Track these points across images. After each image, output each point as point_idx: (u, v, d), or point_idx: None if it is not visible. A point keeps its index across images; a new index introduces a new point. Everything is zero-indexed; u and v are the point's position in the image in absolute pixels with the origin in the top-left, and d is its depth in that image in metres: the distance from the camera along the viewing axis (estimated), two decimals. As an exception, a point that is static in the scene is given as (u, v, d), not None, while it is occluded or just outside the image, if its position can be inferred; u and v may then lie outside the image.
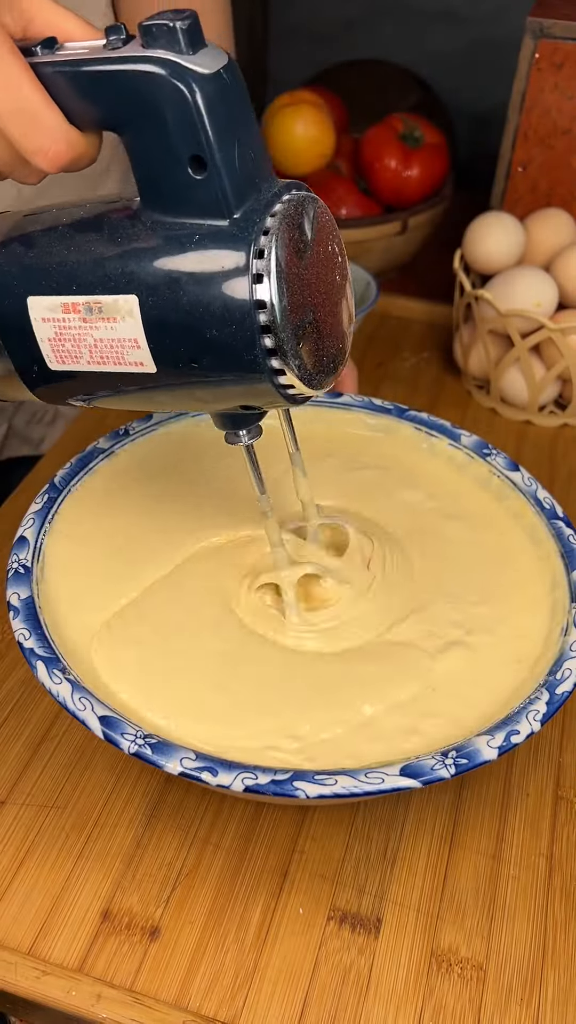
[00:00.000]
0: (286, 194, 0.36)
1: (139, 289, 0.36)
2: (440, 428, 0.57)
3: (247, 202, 0.35)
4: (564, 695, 0.41)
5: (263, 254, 0.34)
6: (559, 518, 0.51)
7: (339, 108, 1.01)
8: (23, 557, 0.46)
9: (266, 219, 0.35)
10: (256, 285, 0.34)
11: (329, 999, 0.40)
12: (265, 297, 0.34)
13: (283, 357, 0.35)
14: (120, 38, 0.34)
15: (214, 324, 0.35)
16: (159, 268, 0.35)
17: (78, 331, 0.37)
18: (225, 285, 0.34)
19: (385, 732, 0.41)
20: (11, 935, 0.42)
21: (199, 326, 0.35)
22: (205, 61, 0.33)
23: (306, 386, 0.37)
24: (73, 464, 0.53)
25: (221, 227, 0.35)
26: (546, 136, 0.78)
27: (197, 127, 0.33)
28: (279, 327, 0.34)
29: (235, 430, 0.42)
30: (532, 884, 0.44)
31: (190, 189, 0.34)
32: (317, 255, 0.37)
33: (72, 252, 0.37)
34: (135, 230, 0.36)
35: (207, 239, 0.35)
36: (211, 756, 0.38)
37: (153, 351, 0.36)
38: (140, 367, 0.37)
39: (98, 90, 0.35)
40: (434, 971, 0.41)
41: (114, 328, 0.37)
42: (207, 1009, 0.40)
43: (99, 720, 0.39)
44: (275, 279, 0.34)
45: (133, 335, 0.36)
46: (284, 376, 0.36)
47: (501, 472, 0.54)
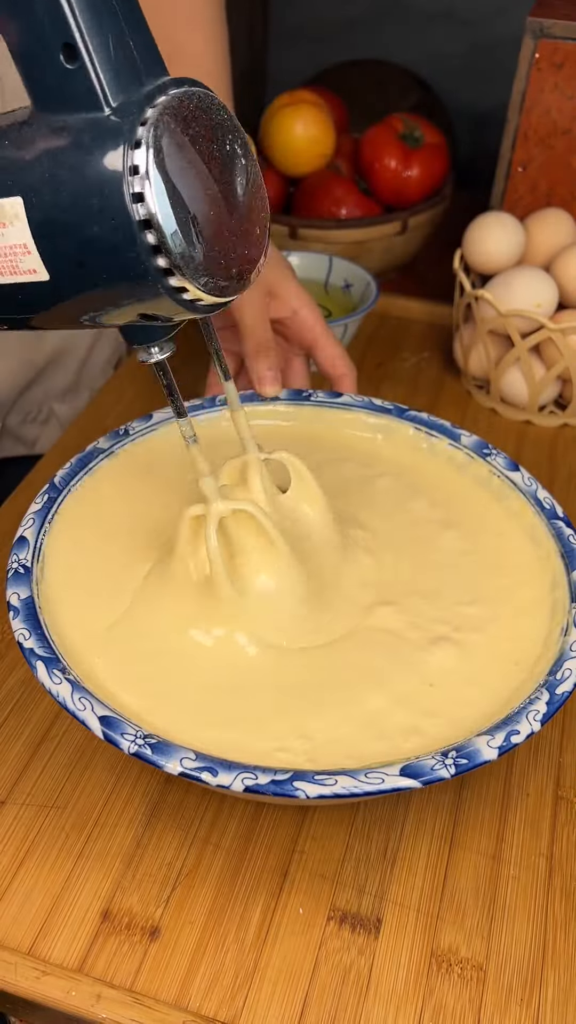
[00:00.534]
0: (173, 88, 0.34)
1: (23, 190, 0.34)
2: (440, 428, 0.57)
3: (127, 94, 0.33)
4: (564, 695, 0.41)
5: (139, 144, 0.32)
6: (559, 518, 0.51)
7: (339, 108, 1.01)
8: (23, 557, 0.46)
9: (146, 110, 0.33)
10: (133, 177, 0.32)
11: (329, 999, 0.40)
12: (143, 190, 0.32)
13: (168, 255, 0.33)
14: None
15: (95, 220, 0.33)
16: (39, 165, 0.34)
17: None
18: (101, 177, 0.33)
19: (387, 731, 0.41)
20: (11, 935, 0.42)
21: (81, 223, 0.34)
22: None
23: (201, 289, 0.35)
24: (73, 464, 0.53)
25: (97, 118, 0.33)
26: (546, 136, 0.78)
27: (65, 12, 0.32)
28: (160, 222, 0.33)
29: (145, 344, 0.40)
30: (532, 884, 0.44)
31: (65, 80, 0.33)
32: (210, 152, 0.35)
33: None
34: (20, 132, 0.35)
35: (83, 131, 0.33)
36: (211, 756, 0.38)
37: (43, 255, 0.35)
38: (34, 275, 0.36)
39: None
40: (434, 971, 0.41)
41: (4, 235, 0.35)
42: (207, 1009, 0.40)
43: (99, 720, 0.39)
44: (153, 170, 0.32)
45: (22, 240, 0.35)
46: (172, 277, 0.34)
47: (501, 472, 0.54)
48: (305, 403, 0.59)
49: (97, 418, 0.72)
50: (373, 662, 0.44)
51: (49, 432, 0.80)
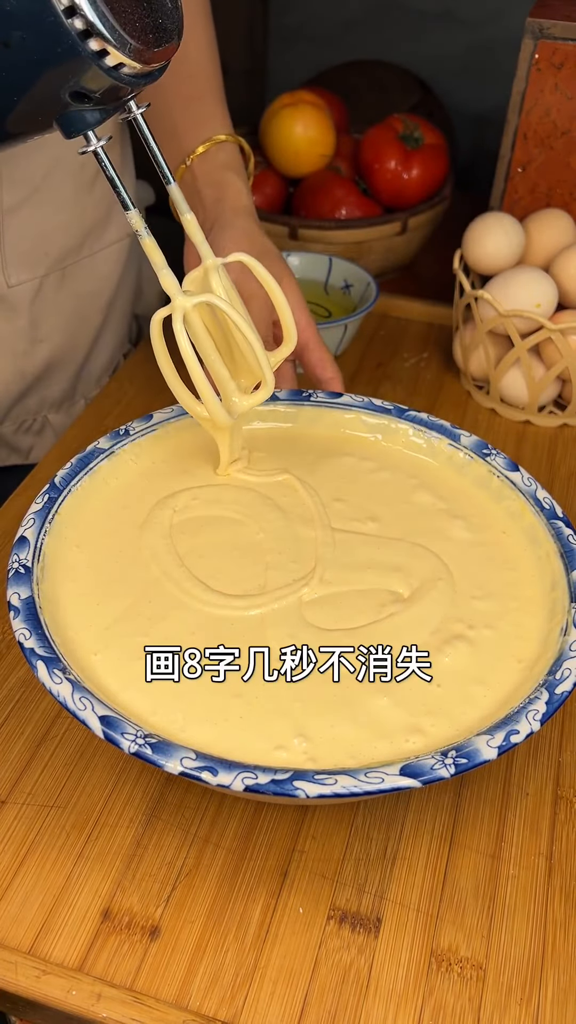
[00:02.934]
0: None
1: None
2: (440, 428, 0.57)
3: None
4: (564, 695, 0.41)
5: None
6: (559, 518, 0.51)
7: (339, 108, 1.01)
8: (23, 557, 0.47)
9: None
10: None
11: (329, 998, 0.40)
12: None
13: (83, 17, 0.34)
14: None
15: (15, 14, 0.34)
16: None
17: None
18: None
19: (389, 731, 0.41)
20: (11, 935, 0.42)
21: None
22: None
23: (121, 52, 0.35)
24: (73, 464, 0.53)
25: None
26: (546, 137, 0.78)
27: None
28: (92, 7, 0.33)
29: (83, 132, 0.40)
30: (532, 884, 0.44)
31: None
32: None
33: None
34: None
35: None
36: (211, 756, 0.38)
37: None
38: None
39: None
40: (434, 970, 0.41)
41: None
42: (207, 1008, 0.40)
43: (99, 720, 0.39)
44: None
45: None
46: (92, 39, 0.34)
47: (501, 472, 0.54)
48: (305, 403, 0.59)
49: (97, 419, 0.72)
50: None
51: (44, 442, 0.80)
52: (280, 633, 0.45)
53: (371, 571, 0.49)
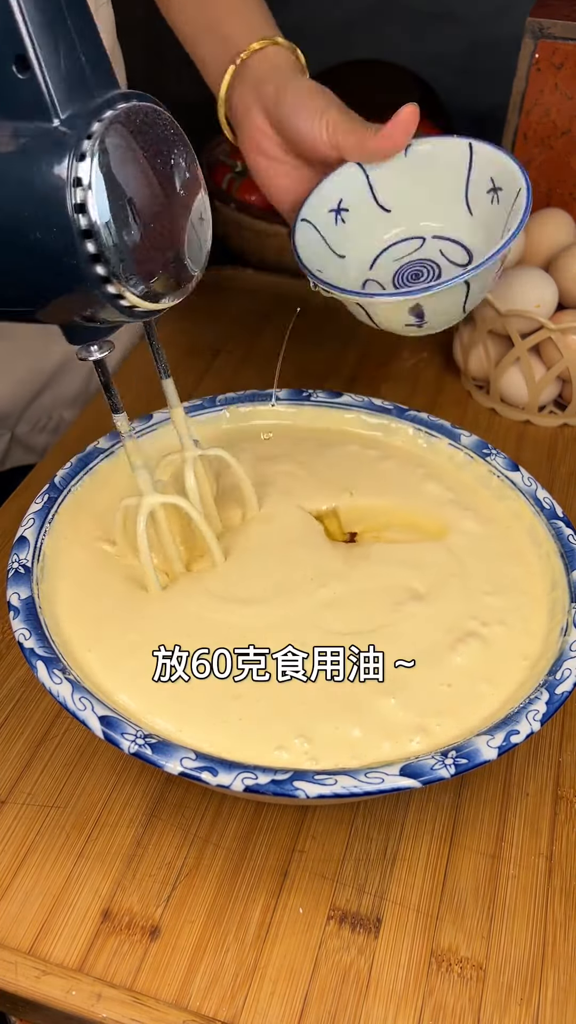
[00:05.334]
0: (121, 102, 0.35)
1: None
2: (440, 428, 0.57)
3: (76, 106, 0.34)
4: (564, 695, 0.41)
5: (84, 157, 0.33)
6: (559, 518, 0.51)
7: (339, 108, 1.01)
8: (23, 557, 0.46)
9: (93, 123, 0.34)
10: (76, 189, 0.33)
11: (329, 999, 0.40)
12: (85, 201, 0.33)
13: (106, 264, 0.34)
14: None
15: (37, 227, 0.34)
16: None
17: None
18: (45, 187, 0.34)
19: (394, 732, 0.41)
20: (11, 935, 0.42)
21: (23, 228, 0.34)
22: None
23: (137, 296, 0.36)
24: (73, 464, 0.53)
25: (45, 128, 0.34)
26: (546, 136, 0.77)
27: (17, 25, 0.33)
28: (100, 232, 0.34)
29: (86, 344, 0.41)
30: (532, 884, 0.44)
31: (16, 89, 0.34)
32: (153, 166, 0.36)
33: None
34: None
35: (30, 139, 0.34)
36: (211, 756, 0.38)
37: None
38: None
39: None
40: (434, 971, 0.41)
41: None
42: (207, 1008, 0.40)
43: (99, 720, 0.39)
44: (96, 183, 0.33)
45: None
46: (110, 285, 0.35)
47: (501, 472, 0.54)
48: (305, 403, 0.59)
49: (97, 418, 0.72)
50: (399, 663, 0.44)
51: (59, 440, 0.80)
52: (287, 637, 0.45)
53: (386, 567, 0.49)
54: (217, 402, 0.59)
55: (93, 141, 0.33)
